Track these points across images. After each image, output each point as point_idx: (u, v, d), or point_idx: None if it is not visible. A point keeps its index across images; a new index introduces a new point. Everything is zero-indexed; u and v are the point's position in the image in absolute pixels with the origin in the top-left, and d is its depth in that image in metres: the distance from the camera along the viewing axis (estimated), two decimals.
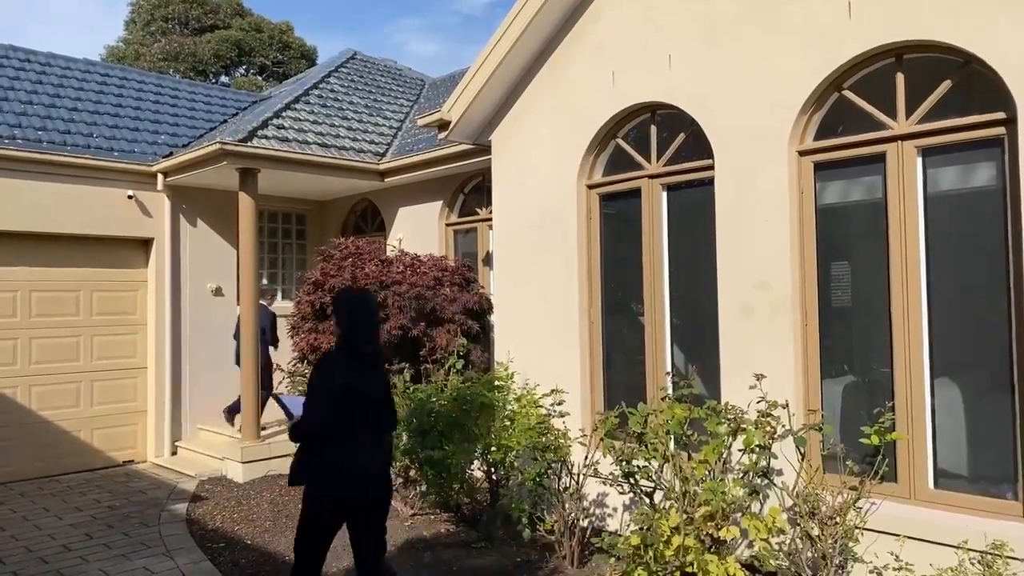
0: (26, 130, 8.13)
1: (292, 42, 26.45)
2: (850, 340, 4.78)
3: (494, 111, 6.78)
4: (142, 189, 8.64)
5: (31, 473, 7.91)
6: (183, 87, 11.06)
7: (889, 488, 4.32)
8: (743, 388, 4.73)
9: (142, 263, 8.87)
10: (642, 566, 4.18)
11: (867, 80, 4.65)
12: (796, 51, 4.76)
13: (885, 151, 4.50)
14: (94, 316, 8.49)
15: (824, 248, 4.79)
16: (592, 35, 5.99)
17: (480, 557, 5.26)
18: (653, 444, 4.57)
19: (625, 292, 5.94)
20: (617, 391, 5.90)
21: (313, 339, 7.09)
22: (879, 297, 4.53)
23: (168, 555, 5.46)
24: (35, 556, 5.49)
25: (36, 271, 8.10)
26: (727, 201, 5.09)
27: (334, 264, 7.38)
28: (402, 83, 11.71)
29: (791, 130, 4.78)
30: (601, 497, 5.69)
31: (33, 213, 7.88)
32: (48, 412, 8.12)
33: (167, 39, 24.18)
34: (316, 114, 9.16)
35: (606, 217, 6.11)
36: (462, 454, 5.27)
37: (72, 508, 6.78)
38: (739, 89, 5.04)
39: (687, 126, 5.45)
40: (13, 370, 7.92)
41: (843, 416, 4.72)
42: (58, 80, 9.37)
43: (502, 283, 6.71)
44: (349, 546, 5.45)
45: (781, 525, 4.13)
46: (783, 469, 4.53)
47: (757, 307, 4.90)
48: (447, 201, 8.71)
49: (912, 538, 4.09)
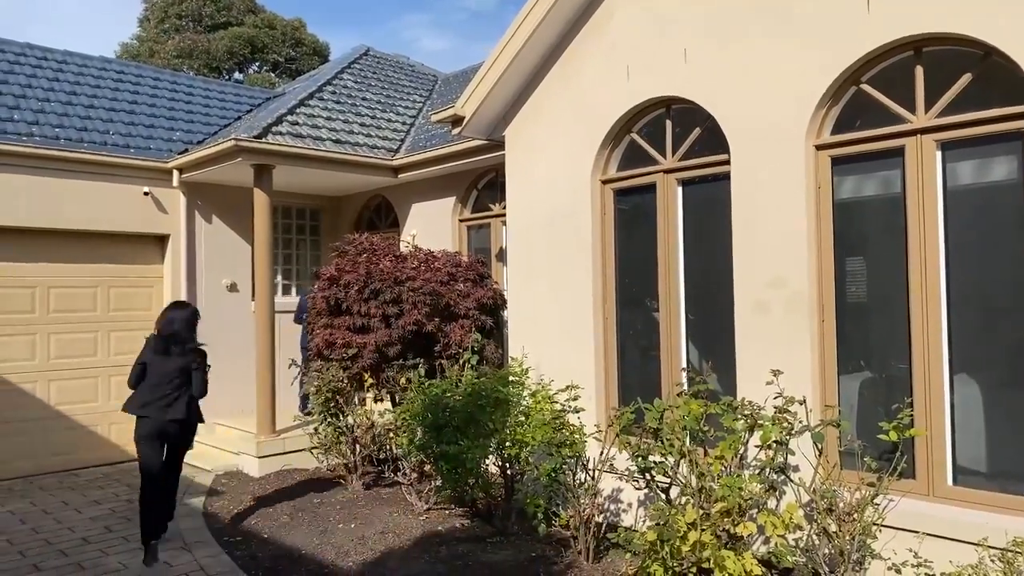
0: (43, 127, 8.20)
1: (304, 39, 26.53)
2: (867, 336, 4.74)
3: (507, 107, 6.78)
4: (158, 186, 8.70)
5: (50, 467, 8.01)
6: (197, 84, 11.12)
7: (907, 485, 4.29)
8: (759, 384, 4.71)
9: (158, 259, 8.94)
10: (658, 561, 4.18)
11: (885, 74, 4.61)
12: (813, 44, 4.73)
13: (904, 145, 4.46)
14: (111, 312, 8.57)
15: (841, 243, 4.76)
16: (606, 30, 5.97)
17: (495, 552, 5.28)
18: (669, 440, 4.56)
19: (640, 287, 5.93)
20: (632, 387, 5.90)
21: (328, 334, 7.11)
22: (897, 292, 4.49)
23: (186, 548, 5.51)
24: (55, 549, 5.55)
25: (54, 267, 8.18)
26: (743, 196, 5.07)
27: (349, 260, 7.40)
28: (415, 79, 11.71)
29: (808, 124, 4.75)
30: (616, 493, 5.69)
31: (51, 210, 7.96)
32: (66, 407, 8.21)
33: (181, 36, 24.32)
34: (330, 110, 9.18)
35: (620, 212, 6.10)
36: (477, 449, 5.28)
37: (91, 502, 6.86)
38: (755, 83, 5.01)
39: (703, 120, 5.42)
40: (32, 365, 8.01)
41: (860, 412, 4.70)
42: (74, 78, 9.44)
43: (516, 278, 6.71)
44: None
45: (798, 521, 4.12)
46: (800, 465, 4.51)
47: (773, 303, 4.87)
48: (460, 197, 8.72)
49: (931, 535, 4.06)
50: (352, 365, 6.98)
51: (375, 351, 6.91)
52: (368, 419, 6.94)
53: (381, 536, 5.66)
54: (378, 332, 6.94)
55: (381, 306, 6.94)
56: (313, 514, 6.28)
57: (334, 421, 7.01)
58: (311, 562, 5.19)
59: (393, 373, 6.96)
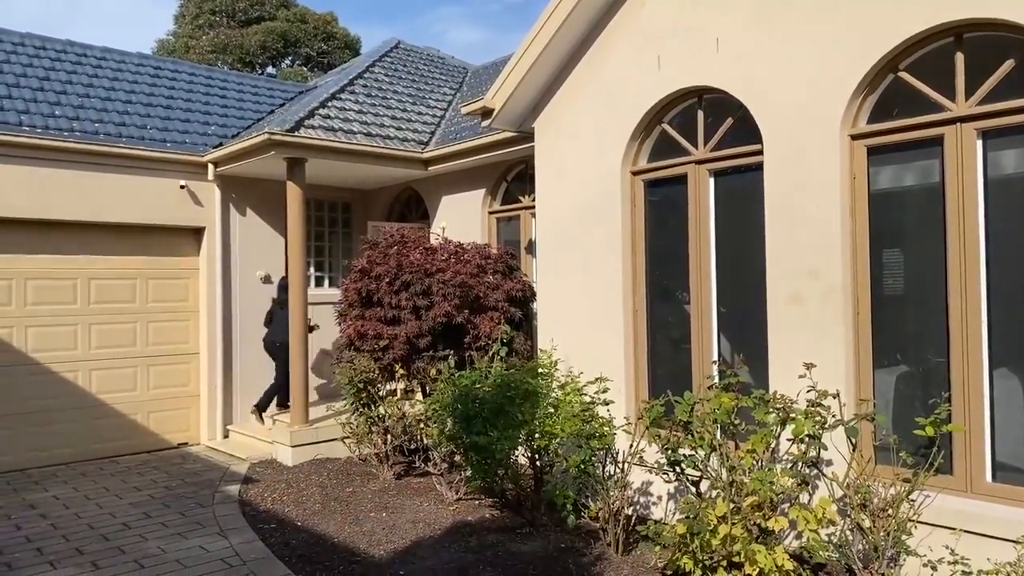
0: (83, 123, 8.40)
1: (336, 32, 26.73)
2: (904, 329, 4.66)
3: (537, 98, 6.76)
4: (193, 179, 8.86)
5: (92, 454, 8.23)
6: (231, 79, 11.27)
7: (944, 480, 4.22)
8: (792, 377, 4.66)
9: (194, 251, 9.11)
10: (688, 555, 4.17)
11: (924, 61, 4.50)
12: (849, 32, 4.63)
13: (943, 134, 4.35)
14: (149, 303, 8.77)
15: (877, 235, 4.67)
16: (637, 19, 5.92)
17: (525, 542, 5.30)
18: (700, 433, 4.54)
19: (670, 279, 5.89)
20: (662, 379, 5.87)
21: (360, 325, 7.19)
22: (935, 285, 4.40)
23: (222, 534, 5.63)
24: (97, 533, 5.71)
25: (95, 259, 8.39)
26: (776, 187, 5.00)
27: (380, 252, 7.47)
28: (445, 71, 11.73)
29: (843, 113, 4.66)
30: (646, 485, 5.67)
31: (91, 203, 8.15)
32: (107, 396, 8.42)
33: (215, 32, 24.68)
34: (361, 104, 9.25)
35: (651, 204, 6.05)
36: (506, 440, 5.30)
37: (131, 488, 7.04)
38: (789, 71, 4.93)
39: (735, 110, 5.35)
40: (74, 355, 8.23)
41: (896, 406, 4.62)
42: (112, 74, 9.64)
43: (545, 270, 6.71)
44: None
45: (831, 516, 4.06)
46: (833, 460, 4.46)
47: (807, 295, 4.81)
48: (490, 189, 8.73)
49: (968, 532, 3.99)
50: (383, 356, 7.05)
51: (406, 342, 6.97)
52: (399, 409, 7.01)
53: (412, 525, 5.73)
54: (408, 324, 6.99)
55: (411, 298, 7.00)
56: (345, 503, 6.37)
57: (366, 411, 7.10)
58: (343, 550, 5.27)
59: (423, 364, 7.02)
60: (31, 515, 6.20)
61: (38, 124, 7.99)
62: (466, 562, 4.97)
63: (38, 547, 5.42)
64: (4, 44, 9.21)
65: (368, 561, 5.05)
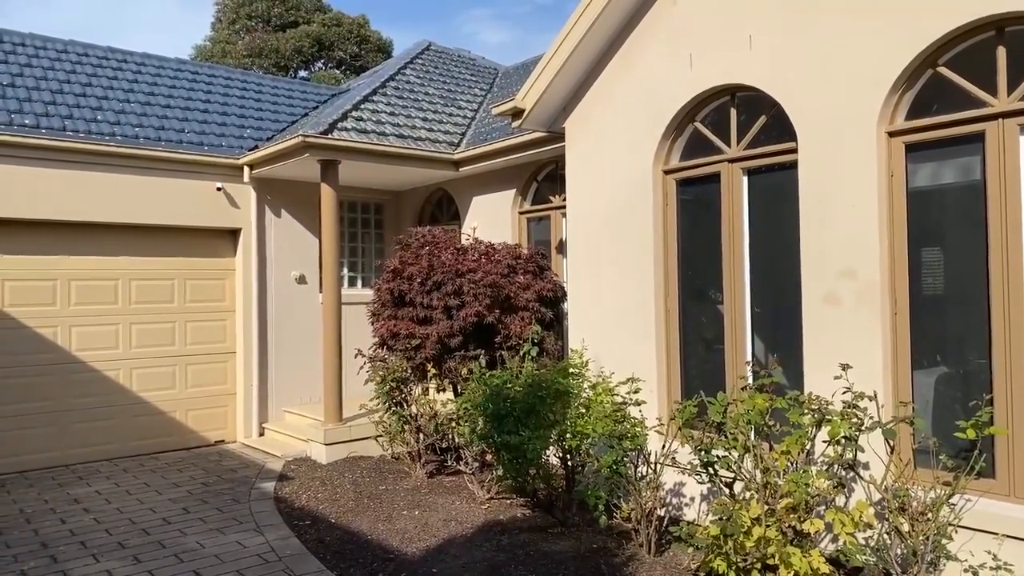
0: (124, 127, 8.60)
1: (369, 36, 26.97)
2: (943, 330, 4.56)
3: (568, 98, 6.76)
4: (230, 181, 9.02)
5: (132, 451, 8.44)
6: (266, 82, 11.46)
7: (986, 484, 4.12)
8: (827, 378, 4.59)
9: (230, 252, 9.28)
10: (721, 556, 4.13)
11: (964, 55, 4.40)
12: (886, 27, 4.55)
13: (984, 130, 4.26)
14: (187, 303, 8.95)
15: (915, 233, 4.58)
16: (668, 17, 5.89)
17: (556, 542, 5.31)
18: (733, 434, 4.49)
19: (703, 279, 5.84)
20: (694, 380, 5.82)
21: (392, 325, 7.26)
22: (976, 284, 4.30)
23: (258, 531, 5.73)
24: (138, 528, 5.86)
25: (135, 260, 8.59)
26: (811, 185, 4.93)
27: (412, 252, 7.53)
28: (476, 72, 11.78)
29: (880, 110, 4.58)
30: (678, 486, 5.64)
31: (131, 206, 8.35)
32: (146, 393, 8.62)
33: (251, 36, 25.08)
34: (393, 106, 9.33)
35: (683, 203, 6.01)
36: (538, 440, 5.31)
37: (170, 484, 7.20)
38: (824, 68, 4.86)
39: (768, 108, 5.29)
40: (116, 354, 8.44)
41: (936, 409, 4.52)
42: (152, 79, 9.87)
43: (576, 270, 6.70)
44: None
45: (868, 519, 4.00)
46: (870, 462, 4.38)
47: (843, 295, 4.73)
48: (520, 189, 8.74)
49: (1012, 537, 3.89)
50: (415, 355, 7.11)
51: (437, 342, 7.02)
52: (431, 408, 7.06)
53: (444, 524, 5.76)
54: (440, 323, 7.04)
55: (443, 298, 7.05)
56: (378, 500, 6.44)
57: (398, 410, 7.16)
58: (376, 547, 5.33)
59: (455, 363, 7.06)
60: (75, 509, 6.37)
61: (80, 129, 8.21)
62: (498, 561, 4.99)
63: (82, 540, 5.57)
64: (48, 51, 9.48)
65: (401, 559, 5.10)
